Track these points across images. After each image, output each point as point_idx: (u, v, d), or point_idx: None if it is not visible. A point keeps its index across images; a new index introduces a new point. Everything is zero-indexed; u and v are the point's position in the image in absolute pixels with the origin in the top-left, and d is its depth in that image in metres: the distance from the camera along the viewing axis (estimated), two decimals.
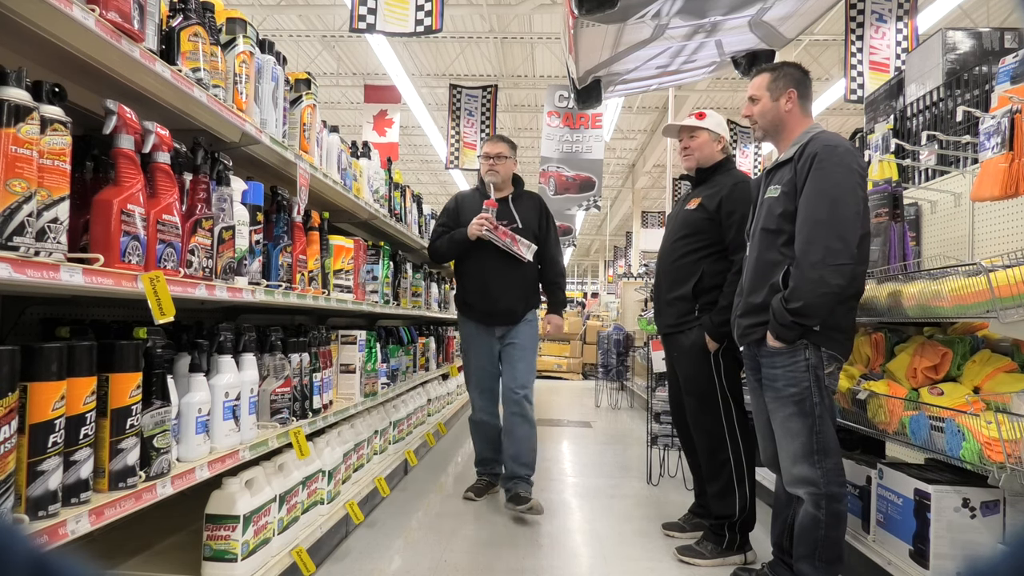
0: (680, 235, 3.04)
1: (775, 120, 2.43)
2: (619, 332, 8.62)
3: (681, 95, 10.89)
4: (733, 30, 3.46)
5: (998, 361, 2.25)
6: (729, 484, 2.90)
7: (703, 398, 2.95)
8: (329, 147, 3.00)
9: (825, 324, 2.23)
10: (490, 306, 3.62)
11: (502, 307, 3.61)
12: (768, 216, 2.35)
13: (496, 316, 3.63)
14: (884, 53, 6.87)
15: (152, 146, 1.67)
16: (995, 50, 2.96)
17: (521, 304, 3.64)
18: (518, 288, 3.62)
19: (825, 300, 2.16)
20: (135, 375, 1.62)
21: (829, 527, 2.24)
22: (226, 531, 2.07)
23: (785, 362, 2.29)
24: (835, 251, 2.14)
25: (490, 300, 3.61)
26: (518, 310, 3.63)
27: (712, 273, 2.93)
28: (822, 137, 2.29)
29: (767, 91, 2.43)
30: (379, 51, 8.36)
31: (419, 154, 16.65)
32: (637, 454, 5.08)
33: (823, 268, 2.14)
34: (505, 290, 3.60)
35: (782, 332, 2.24)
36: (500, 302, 3.60)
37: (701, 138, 3.09)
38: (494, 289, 3.60)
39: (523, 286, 3.64)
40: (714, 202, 2.95)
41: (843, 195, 2.18)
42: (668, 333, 3.12)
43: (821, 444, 2.24)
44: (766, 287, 2.34)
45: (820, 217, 2.18)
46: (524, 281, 3.64)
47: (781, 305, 2.22)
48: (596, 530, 3.31)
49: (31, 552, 0.42)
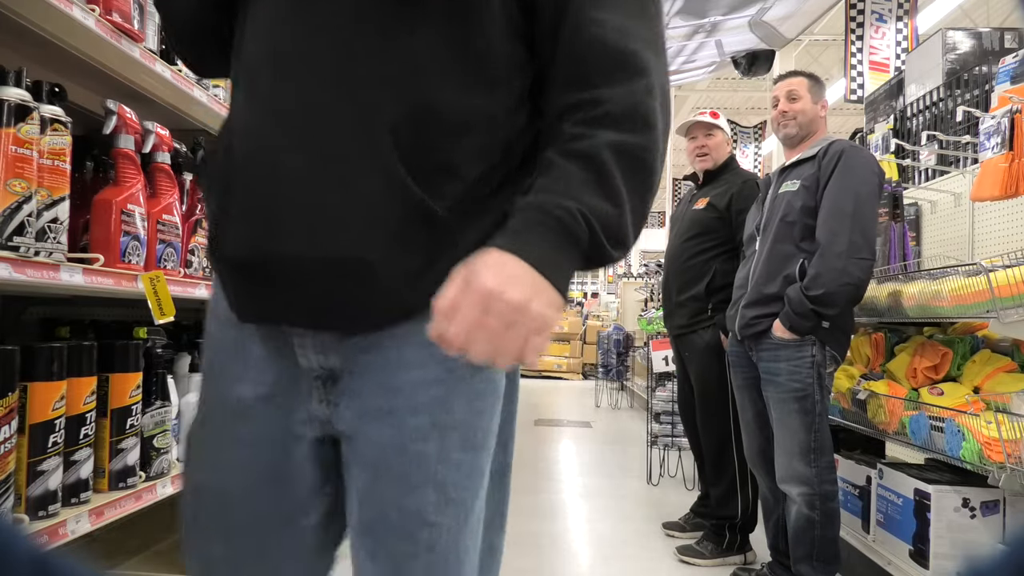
0: (689, 235, 3.02)
1: (811, 121, 2.48)
2: (619, 332, 8.61)
3: (681, 95, 10.89)
4: (733, 30, 3.46)
5: (998, 361, 2.25)
6: (732, 485, 2.90)
7: (713, 399, 2.94)
8: None
9: (834, 323, 2.24)
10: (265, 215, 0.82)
11: (306, 224, 0.78)
12: (787, 209, 2.37)
13: (289, 277, 0.78)
14: (884, 53, 6.87)
15: (152, 146, 1.67)
16: (995, 50, 2.95)
17: (395, 219, 0.76)
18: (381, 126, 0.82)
19: (845, 291, 2.19)
20: (135, 375, 1.62)
21: (824, 526, 2.25)
22: None
23: (791, 356, 2.28)
24: (858, 245, 2.19)
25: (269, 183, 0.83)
26: (381, 254, 0.76)
27: (724, 272, 2.90)
28: (844, 141, 2.41)
29: (809, 92, 2.49)
30: None
31: None
32: (637, 454, 5.08)
33: (847, 259, 2.18)
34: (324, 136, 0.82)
35: (796, 321, 2.23)
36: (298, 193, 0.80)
37: (718, 137, 3.09)
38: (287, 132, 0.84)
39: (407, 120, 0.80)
40: (724, 200, 2.95)
41: (866, 193, 2.26)
42: (680, 334, 3.08)
43: (818, 443, 2.26)
44: (779, 278, 2.32)
45: (846, 210, 2.23)
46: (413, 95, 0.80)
47: (800, 293, 2.21)
48: (596, 530, 3.31)
49: (31, 552, 0.42)
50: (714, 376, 2.92)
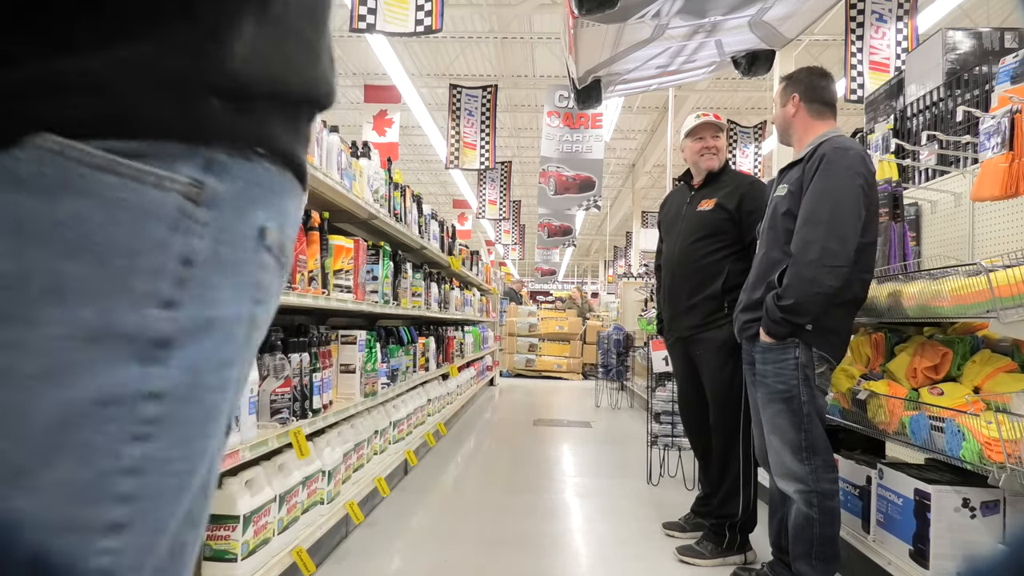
0: (698, 236, 3.01)
1: (784, 124, 2.54)
2: (619, 332, 8.62)
3: (681, 95, 10.88)
4: (733, 30, 3.46)
5: (998, 361, 2.25)
6: (735, 484, 2.90)
7: (725, 397, 2.94)
8: (329, 147, 2.99)
9: (819, 325, 2.25)
10: None
11: None
12: (774, 215, 2.39)
13: None
14: (884, 53, 6.87)
15: None
16: (995, 50, 2.95)
17: None
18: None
19: (816, 300, 2.19)
20: None
21: (823, 525, 2.25)
22: (226, 531, 2.07)
23: (775, 358, 2.32)
24: (832, 252, 2.16)
25: None
26: None
27: (736, 272, 2.89)
28: (835, 140, 2.34)
29: (778, 97, 2.56)
30: (379, 51, 8.35)
31: (419, 154, 16.65)
32: (637, 454, 5.07)
33: (818, 268, 2.17)
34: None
35: (772, 328, 2.28)
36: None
37: (722, 139, 3.14)
38: None
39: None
40: (734, 201, 2.95)
41: (846, 197, 2.20)
42: (691, 335, 3.05)
43: (809, 442, 2.27)
44: (764, 284, 2.38)
45: (821, 217, 2.20)
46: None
47: (773, 302, 2.26)
48: (596, 530, 3.31)
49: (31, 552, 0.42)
50: (728, 373, 2.92)
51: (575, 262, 33.68)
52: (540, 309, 13.80)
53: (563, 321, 12.23)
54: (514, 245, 19.00)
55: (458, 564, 2.79)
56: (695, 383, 3.10)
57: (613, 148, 15.15)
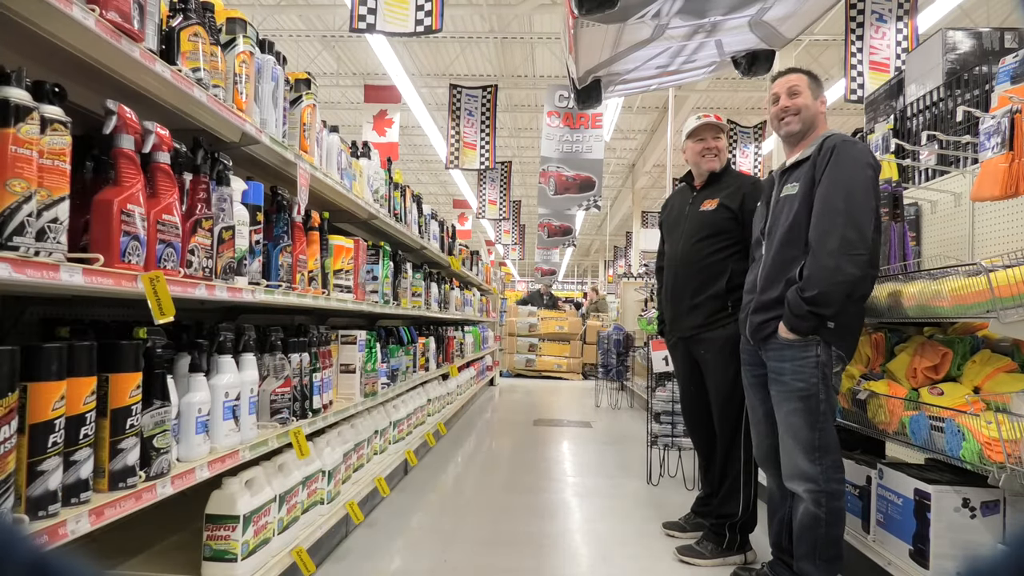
0: (701, 236, 3.01)
1: (812, 116, 2.47)
2: (619, 332, 8.61)
3: (681, 95, 10.88)
4: (733, 30, 3.45)
5: (998, 361, 2.25)
6: (736, 484, 2.90)
7: (728, 397, 2.94)
8: (329, 147, 2.99)
9: (839, 322, 2.24)
10: None
11: None
12: (789, 213, 2.36)
13: None
14: (884, 53, 6.87)
15: (152, 146, 1.67)
16: (995, 50, 2.95)
17: None
18: None
19: (840, 289, 2.18)
20: (135, 375, 1.62)
21: (830, 525, 2.25)
22: (226, 531, 2.07)
23: (795, 356, 2.29)
24: (851, 241, 2.17)
25: None
26: None
27: (739, 272, 2.88)
28: (841, 135, 2.36)
29: (809, 89, 2.47)
30: (379, 51, 8.35)
31: (419, 154, 16.65)
32: (637, 454, 5.07)
33: (839, 256, 2.17)
34: None
35: (796, 323, 2.25)
36: None
37: (723, 140, 3.13)
38: None
39: None
40: (737, 201, 2.95)
41: (859, 187, 2.22)
42: (694, 334, 3.04)
43: (822, 441, 2.26)
44: (782, 282, 2.34)
45: (837, 207, 2.21)
46: None
47: (797, 295, 2.23)
48: (596, 530, 3.31)
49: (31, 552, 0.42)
50: (732, 373, 2.91)
51: (575, 262, 33.66)
52: (541, 309, 13.77)
53: (563, 321, 12.23)
54: (514, 245, 19.01)
55: (458, 564, 2.79)
56: (698, 383, 3.10)
57: (613, 148, 15.15)
